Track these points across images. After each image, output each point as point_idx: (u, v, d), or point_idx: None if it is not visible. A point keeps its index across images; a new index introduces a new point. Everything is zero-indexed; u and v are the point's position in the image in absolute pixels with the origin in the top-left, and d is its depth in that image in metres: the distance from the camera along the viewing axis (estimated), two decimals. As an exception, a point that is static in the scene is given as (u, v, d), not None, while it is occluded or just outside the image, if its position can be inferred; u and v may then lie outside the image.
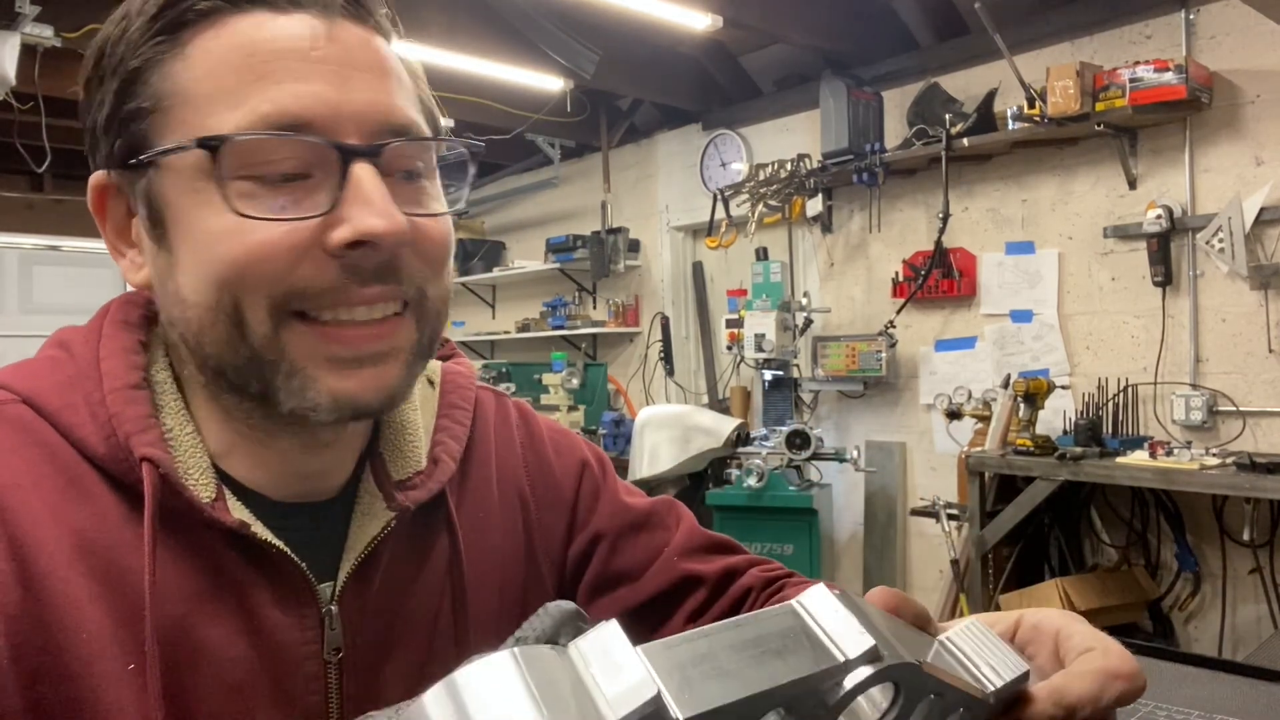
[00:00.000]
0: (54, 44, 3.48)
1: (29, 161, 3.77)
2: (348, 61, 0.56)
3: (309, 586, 0.61)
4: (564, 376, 5.25)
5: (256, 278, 0.55)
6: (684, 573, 0.77)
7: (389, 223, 0.55)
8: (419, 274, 0.59)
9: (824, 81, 4.13)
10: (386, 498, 0.65)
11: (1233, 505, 3.23)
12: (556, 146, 5.61)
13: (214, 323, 0.56)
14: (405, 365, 0.60)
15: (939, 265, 3.95)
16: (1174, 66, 3.15)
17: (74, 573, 0.54)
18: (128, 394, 0.58)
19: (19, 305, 4.77)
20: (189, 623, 0.57)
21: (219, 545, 0.59)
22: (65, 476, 0.56)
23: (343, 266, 0.55)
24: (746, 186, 4.48)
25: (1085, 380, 3.65)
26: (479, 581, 0.70)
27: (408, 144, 0.58)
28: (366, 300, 0.57)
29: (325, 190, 0.55)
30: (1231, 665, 1.11)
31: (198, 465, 0.59)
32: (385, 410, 0.61)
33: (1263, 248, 3.20)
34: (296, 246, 0.55)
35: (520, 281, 6.25)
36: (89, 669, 0.53)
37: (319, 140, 0.54)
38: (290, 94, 0.54)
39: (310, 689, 0.61)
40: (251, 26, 0.55)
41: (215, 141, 0.54)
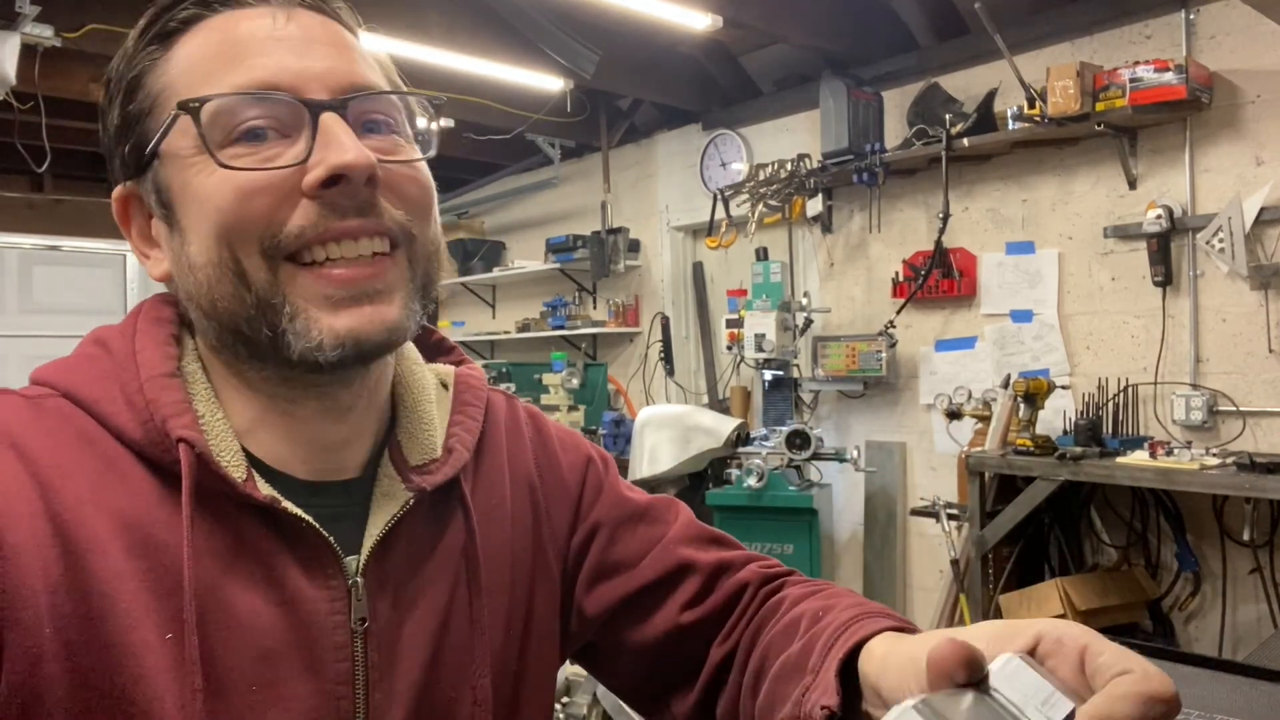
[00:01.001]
0: (54, 44, 3.48)
1: (29, 161, 3.77)
2: (307, 38, 0.64)
3: (336, 559, 0.64)
4: (564, 376, 5.25)
5: (246, 224, 0.60)
6: (679, 559, 0.79)
7: (357, 156, 0.60)
8: (400, 214, 0.64)
9: (824, 81, 4.13)
10: (404, 480, 0.69)
11: (1233, 505, 3.23)
12: (556, 146, 5.61)
13: (220, 278, 0.61)
14: (404, 300, 0.64)
15: (939, 265, 3.95)
16: (1174, 66, 3.15)
17: (113, 548, 0.58)
18: (163, 381, 0.63)
19: (19, 305, 4.77)
20: (223, 593, 0.60)
21: (250, 520, 0.62)
22: (103, 460, 0.61)
23: (321, 205, 0.61)
24: (746, 186, 4.48)
25: (1085, 380, 3.65)
26: (491, 563, 0.73)
27: (371, 98, 0.64)
28: (349, 233, 0.61)
29: (302, 143, 0.61)
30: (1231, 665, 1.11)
31: (229, 448, 0.63)
32: (389, 346, 0.64)
33: (1263, 248, 3.20)
34: (277, 190, 0.60)
35: (520, 281, 6.25)
36: (127, 638, 0.57)
37: (287, 98, 0.61)
38: (259, 65, 0.61)
39: (339, 657, 0.64)
40: (224, 22, 0.63)
41: (195, 103, 0.60)
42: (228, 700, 0.59)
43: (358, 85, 0.64)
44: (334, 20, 0.67)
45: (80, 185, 6.66)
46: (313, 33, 0.64)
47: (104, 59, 4.10)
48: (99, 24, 3.59)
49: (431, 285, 0.68)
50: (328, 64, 0.63)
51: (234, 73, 0.61)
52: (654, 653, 0.78)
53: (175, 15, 0.63)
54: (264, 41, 0.62)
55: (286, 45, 0.62)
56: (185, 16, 0.63)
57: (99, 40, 3.60)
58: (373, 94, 0.64)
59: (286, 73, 0.61)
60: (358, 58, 0.66)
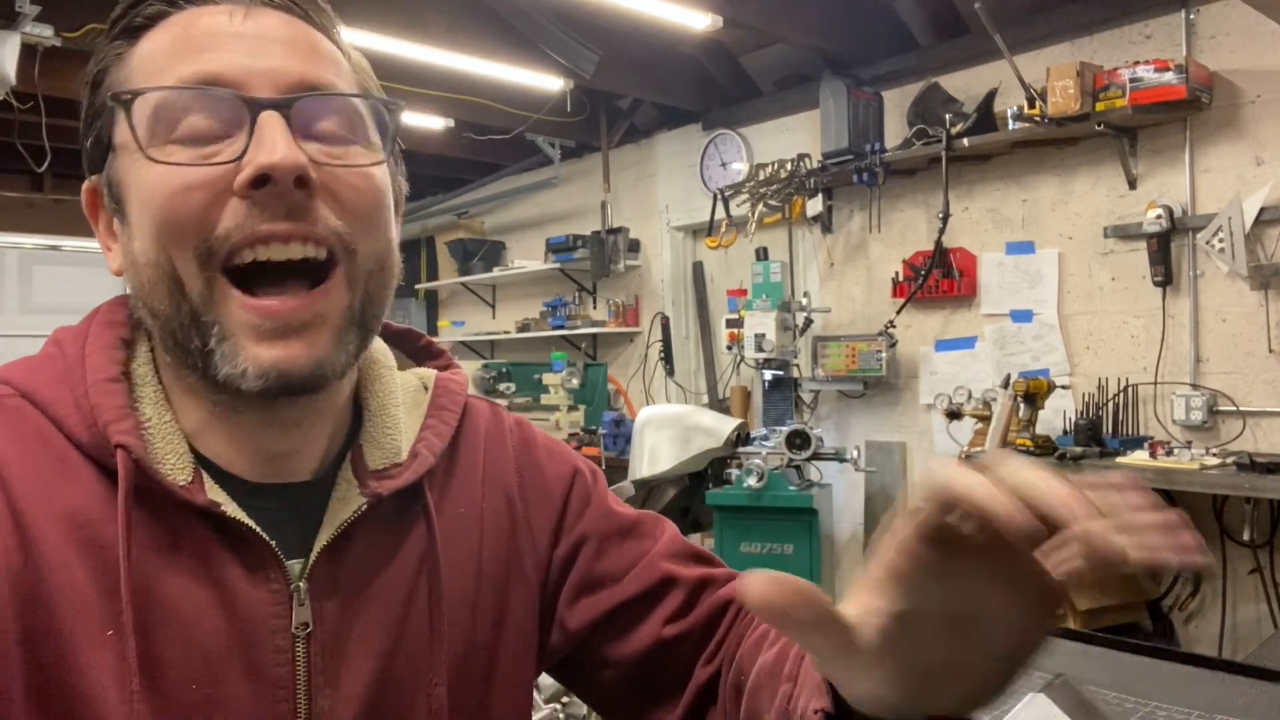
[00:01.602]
0: (54, 44, 3.48)
1: (29, 161, 3.77)
2: (263, 35, 0.62)
3: (277, 562, 0.64)
4: (564, 376, 5.25)
5: (178, 223, 0.59)
6: (663, 573, 0.78)
7: (283, 156, 0.58)
8: (338, 220, 0.62)
9: (824, 81, 4.13)
10: (361, 485, 0.68)
11: (1233, 505, 3.23)
12: (556, 146, 5.61)
13: (158, 280, 0.61)
14: (335, 335, 0.63)
15: (939, 265, 3.95)
16: (1174, 66, 3.15)
17: (64, 542, 0.59)
18: (106, 386, 0.64)
19: (19, 305, 4.77)
20: (163, 593, 0.61)
21: (193, 523, 0.63)
22: (56, 459, 0.62)
23: (250, 206, 0.59)
24: (746, 186, 4.48)
25: (1085, 380, 3.65)
26: (457, 571, 0.72)
27: (321, 100, 0.62)
28: (277, 236, 0.60)
29: (241, 142, 0.59)
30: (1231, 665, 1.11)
31: (174, 450, 0.64)
32: (315, 383, 0.62)
33: (1263, 248, 3.20)
34: (209, 187, 0.59)
35: (520, 281, 6.25)
36: (73, 630, 0.58)
37: (227, 93, 0.60)
38: (207, 60, 0.60)
39: (278, 661, 0.63)
40: (186, 19, 0.63)
41: (128, 95, 0.60)
42: (168, 699, 0.60)
43: (309, 85, 0.62)
44: (301, 19, 0.65)
45: (80, 185, 6.66)
46: (271, 31, 0.63)
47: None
48: (99, 24, 3.59)
49: (375, 306, 0.66)
50: (278, 62, 0.62)
51: (181, 67, 0.61)
52: (635, 667, 0.77)
53: (141, 11, 0.64)
54: (217, 37, 0.61)
55: (239, 41, 0.62)
56: (150, 13, 0.63)
57: (99, 40, 3.60)
58: (320, 95, 0.63)
59: (234, 69, 0.60)
60: (318, 57, 0.64)
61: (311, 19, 0.66)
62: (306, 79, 0.62)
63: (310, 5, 0.66)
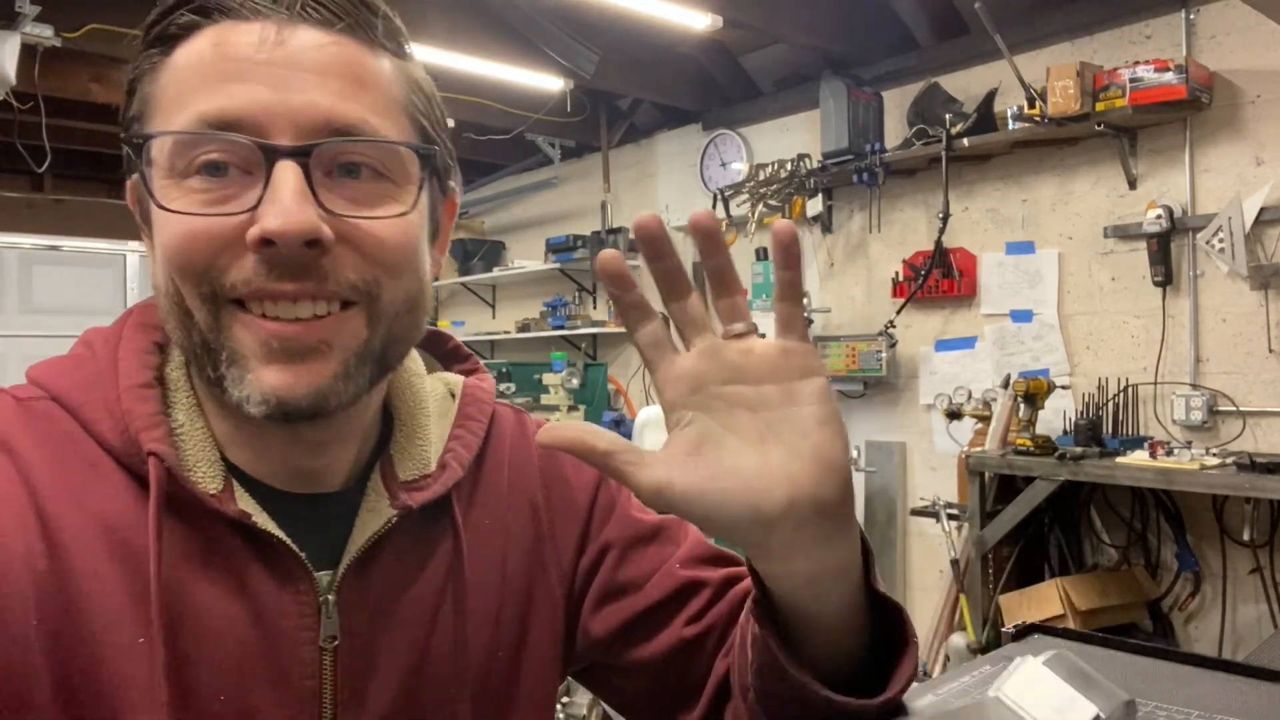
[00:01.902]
0: (54, 44, 3.48)
1: (29, 161, 3.77)
2: (292, 64, 0.58)
3: (306, 574, 0.63)
4: (564, 376, 5.24)
5: (186, 267, 0.58)
6: (686, 578, 0.78)
7: (286, 222, 0.56)
8: (356, 273, 0.59)
9: (824, 81, 4.13)
10: (391, 496, 0.67)
11: (1233, 505, 3.23)
12: (556, 146, 5.61)
13: (171, 309, 0.61)
14: (342, 365, 0.60)
15: (939, 265, 3.95)
16: (1174, 66, 3.15)
17: (94, 548, 0.59)
18: (138, 392, 0.63)
19: (19, 305, 4.76)
20: (193, 603, 0.60)
21: (224, 531, 0.62)
22: (86, 464, 0.61)
23: (260, 262, 0.57)
24: (746, 186, 4.48)
25: (1085, 380, 3.65)
26: (481, 585, 0.71)
27: (348, 148, 0.59)
28: (285, 296, 0.58)
29: (255, 191, 0.57)
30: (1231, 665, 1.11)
31: (206, 458, 0.63)
32: (316, 412, 0.60)
33: (1263, 248, 3.20)
34: (216, 239, 0.57)
35: (520, 281, 6.24)
36: (103, 638, 0.58)
37: (242, 139, 0.57)
38: (227, 94, 0.57)
39: (305, 673, 0.63)
40: (219, 34, 0.59)
41: (139, 139, 0.59)
42: (197, 707, 0.60)
43: (335, 125, 0.58)
44: (346, 35, 0.60)
45: (80, 185, 6.66)
46: (303, 57, 0.58)
47: (104, 59, 4.12)
48: (99, 24, 3.59)
49: (399, 345, 0.64)
50: (306, 97, 0.58)
51: (203, 99, 0.58)
52: (658, 670, 0.77)
53: (174, 20, 0.60)
54: (242, 64, 0.58)
55: (265, 72, 0.58)
56: (183, 23, 0.60)
57: (99, 40, 3.60)
58: (343, 140, 0.59)
59: (255, 106, 0.57)
60: (352, 87, 0.59)
61: (359, 32, 0.61)
62: (334, 119, 0.58)
63: (358, 14, 0.61)
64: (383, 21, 0.62)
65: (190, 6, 0.60)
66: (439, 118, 0.68)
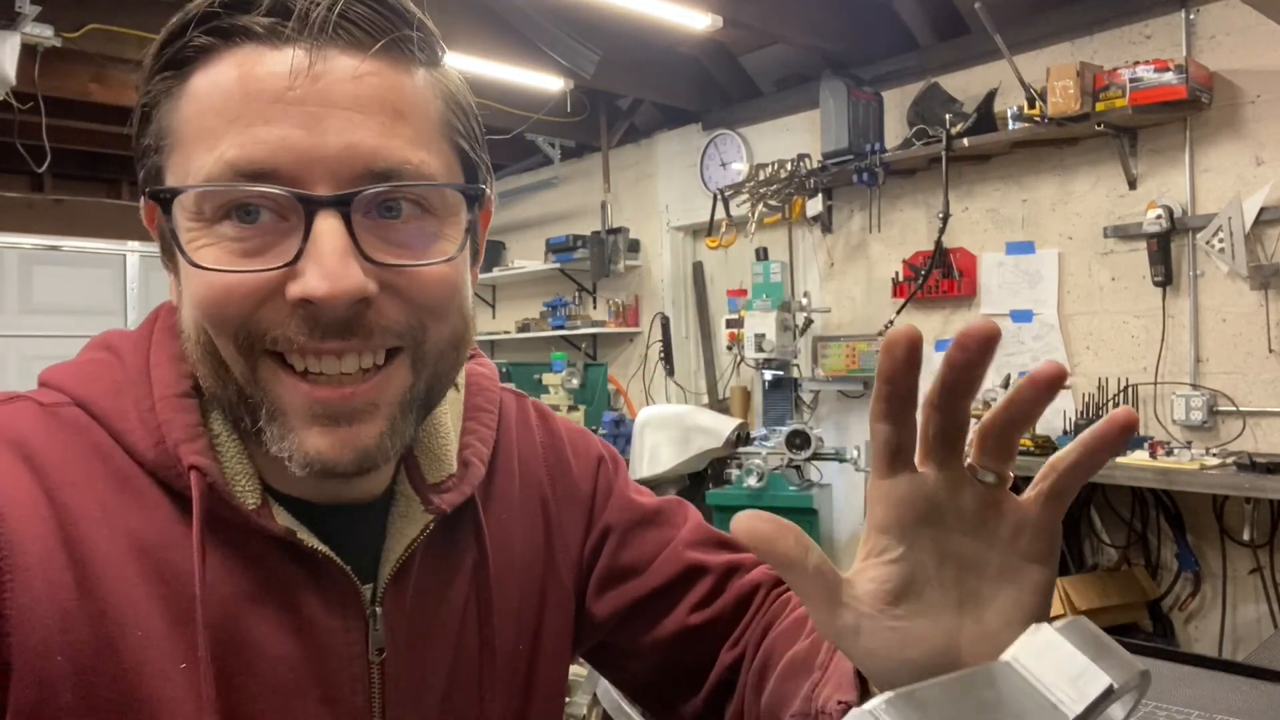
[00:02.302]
0: (54, 44, 3.48)
1: (29, 161, 3.77)
2: (328, 100, 0.53)
3: (354, 589, 0.62)
4: (564, 376, 5.24)
5: (221, 322, 0.55)
6: (689, 562, 0.78)
7: (332, 286, 0.52)
8: (401, 323, 0.56)
9: (824, 81, 4.13)
10: (424, 501, 0.65)
11: (1233, 505, 3.23)
12: (556, 146, 5.61)
13: (203, 357, 0.57)
14: (388, 421, 0.57)
15: (939, 265, 3.95)
16: (1174, 66, 3.15)
17: (127, 571, 0.55)
18: (177, 402, 0.59)
19: (19, 305, 4.76)
20: (238, 624, 0.58)
21: (266, 549, 0.60)
22: (118, 478, 0.57)
23: (302, 318, 0.54)
24: (746, 186, 4.48)
25: (1085, 380, 3.65)
26: (502, 582, 0.70)
27: (392, 193, 0.55)
28: (330, 352, 0.55)
29: (296, 236, 0.53)
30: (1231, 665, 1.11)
31: (244, 471, 0.59)
32: (362, 470, 0.57)
33: (1263, 248, 3.20)
34: (254, 295, 0.54)
35: (520, 281, 6.25)
36: (141, 667, 0.54)
37: (279, 190, 0.53)
38: (257, 140, 0.53)
39: (355, 689, 0.62)
40: (239, 64, 0.54)
41: (167, 194, 0.54)
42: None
43: (377, 170, 0.54)
44: (381, 57, 0.55)
45: (80, 185, 6.66)
46: (337, 92, 0.54)
47: (104, 59, 4.12)
48: (99, 24, 3.59)
49: (440, 384, 0.62)
50: (343, 139, 0.53)
51: (230, 140, 0.53)
52: (662, 655, 0.77)
53: (190, 43, 0.55)
54: (273, 104, 0.53)
55: (297, 113, 0.53)
56: (201, 44, 0.55)
57: (99, 40, 3.61)
58: (385, 188, 0.54)
59: (290, 154, 0.53)
60: (390, 123, 0.55)
61: (394, 49, 0.56)
62: (375, 164, 0.54)
63: (392, 28, 0.56)
64: (418, 32, 0.57)
65: (206, 27, 0.54)
66: (476, 131, 0.63)
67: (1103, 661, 0.40)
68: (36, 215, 6.36)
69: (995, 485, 0.48)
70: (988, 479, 0.48)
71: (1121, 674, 0.40)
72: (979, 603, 0.48)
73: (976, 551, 0.48)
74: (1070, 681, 0.39)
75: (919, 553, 0.48)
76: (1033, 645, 0.41)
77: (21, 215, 6.27)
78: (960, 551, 0.48)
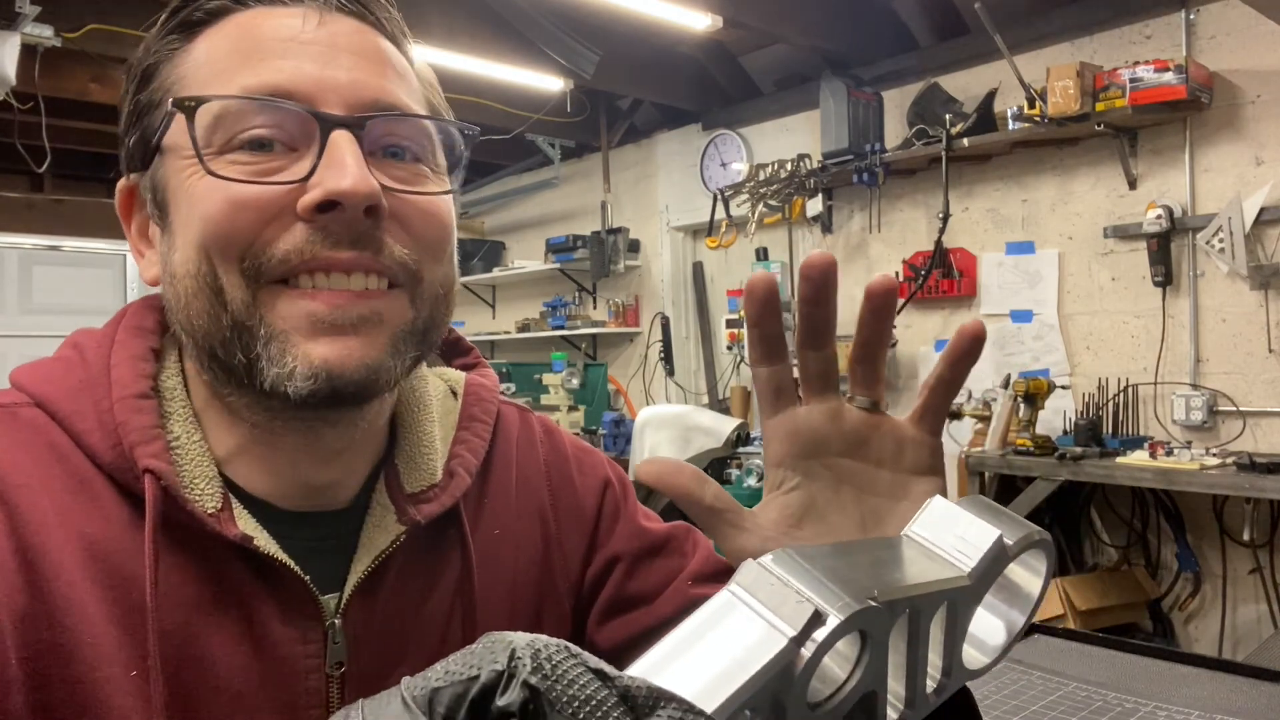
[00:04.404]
0: (54, 44, 3.48)
1: (29, 161, 3.77)
2: (336, 45, 0.58)
3: (313, 600, 0.60)
4: (564, 376, 5.25)
5: (230, 238, 0.55)
6: (697, 597, 0.75)
7: (355, 182, 0.54)
8: (405, 250, 0.58)
9: (824, 81, 4.13)
10: (398, 511, 0.64)
11: (1233, 505, 3.23)
12: (556, 146, 5.61)
13: (198, 292, 0.56)
14: (392, 341, 0.58)
15: (939, 265, 3.95)
16: (1174, 66, 3.15)
17: (80, 576, 0.54)
18: (134, 403, 0.58)
19: (19, 305, 4.77)
20: (192, 632, 0.57)
21: (223, 555, 0.58)
22: (74, 479, 0.57)
23: (313, 230, 0.55)
24: (746, 186, 4.48)
25: (1085, 380, 3.65)
26: (490, 600, 0.68)
27: (394, 121, 0.59)
28: (340, 265, 0.56)
29: (308, 160, 0.56)
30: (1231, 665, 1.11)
31: (203, 475, 0.58)
32: (366, 389, 0.57)
33: (1263, 248, 3.20)
34: (269, 207, 0.55)
35: (520, 281, 6.25)
36: (93, 674, 0.54)
37: (298, 108, 0.55)
38: (275, 68, 0.56)
39: (311, 703, 0.60)
40: (251, 18, 0.58)
41: (191, 102, 0.55)
42: None
43: (382, 103, 0.58)
44: (373, 29, 0.61)
45: (80, 185, 6.66)
46: (343, 40, 0.58)
47: (104, 59, 4.12)
48: (99, 24, 3.59)
49: (435, 330, 0.63)
50: (352, 75, 0.57)
51: (247, 73, 0.56)
52: None
53: (202, 5, 0.58)
54: (286, 43, 0.57)
55: (310, 50, 0.57)
56: (212, 8, 0.58)
57: (99, 40, 3.61)
58: (395, 115, 0.58)
59: (304, 80, 0.56)
60: (390, 73, 0.60)
61: (384, 27, 0.62)
62: (381, 97, 0.58)
63: (383, 12, 0.62)
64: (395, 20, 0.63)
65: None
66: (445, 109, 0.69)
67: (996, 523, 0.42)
68: (36, 215, 6.36)
69: (870, 409, 0.53)
70: (862, 403, 0.53)
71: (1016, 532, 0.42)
72: (878, 519, 0.53)
73: (867, 472, 0.53)
74: (963, 541, 0.42)
75: (814, 480, 0.53)
76: (927, 516, 0.44)
77: (21, 215, 6.28)
78: (853, 473, 0.53)
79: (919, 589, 0.39)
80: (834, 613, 0.35)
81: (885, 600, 0.36)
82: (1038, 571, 0.46)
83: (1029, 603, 0.46)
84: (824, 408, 0.52)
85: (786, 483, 0.53)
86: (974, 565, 0.41)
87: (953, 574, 0.41)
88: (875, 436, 0.53)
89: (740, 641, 0.34)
